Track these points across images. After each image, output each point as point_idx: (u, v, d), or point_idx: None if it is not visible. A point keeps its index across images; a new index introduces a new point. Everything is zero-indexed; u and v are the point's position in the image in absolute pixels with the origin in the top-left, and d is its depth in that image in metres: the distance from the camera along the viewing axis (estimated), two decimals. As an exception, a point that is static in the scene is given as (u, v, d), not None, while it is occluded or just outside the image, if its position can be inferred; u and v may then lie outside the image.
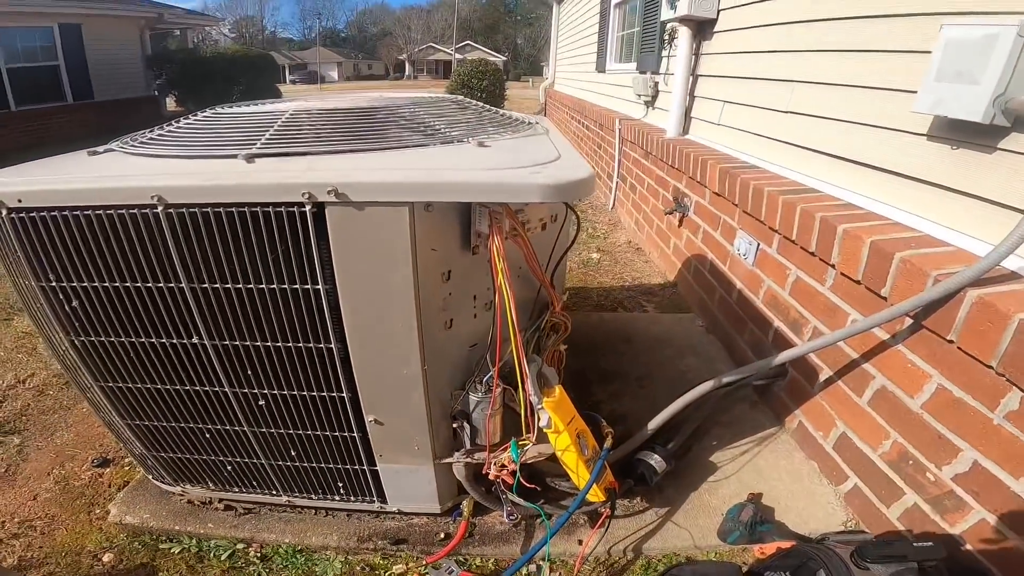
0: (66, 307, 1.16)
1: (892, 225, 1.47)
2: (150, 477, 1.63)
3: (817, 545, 1.19)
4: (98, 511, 1.69)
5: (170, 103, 11.93)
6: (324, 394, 1.17)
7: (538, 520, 1.54)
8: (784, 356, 1.54)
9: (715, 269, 2.39)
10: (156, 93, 11.43)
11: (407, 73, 58.17)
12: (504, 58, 46.20)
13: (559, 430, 1.20)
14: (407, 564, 1.42)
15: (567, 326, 1.38)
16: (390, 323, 1.06)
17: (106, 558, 1.51)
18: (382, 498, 1.45)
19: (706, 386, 1.54)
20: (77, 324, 1.17)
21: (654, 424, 1.50)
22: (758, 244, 1.97)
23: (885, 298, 1.33)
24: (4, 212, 1.07)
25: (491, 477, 1.24)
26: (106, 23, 9.97)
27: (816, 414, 1.64)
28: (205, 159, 1.17)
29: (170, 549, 1.53)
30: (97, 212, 1.04)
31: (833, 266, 1.53)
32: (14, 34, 8.55)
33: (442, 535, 1.52)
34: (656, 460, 1.46)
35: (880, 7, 1.60)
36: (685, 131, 3.01)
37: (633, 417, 1.77)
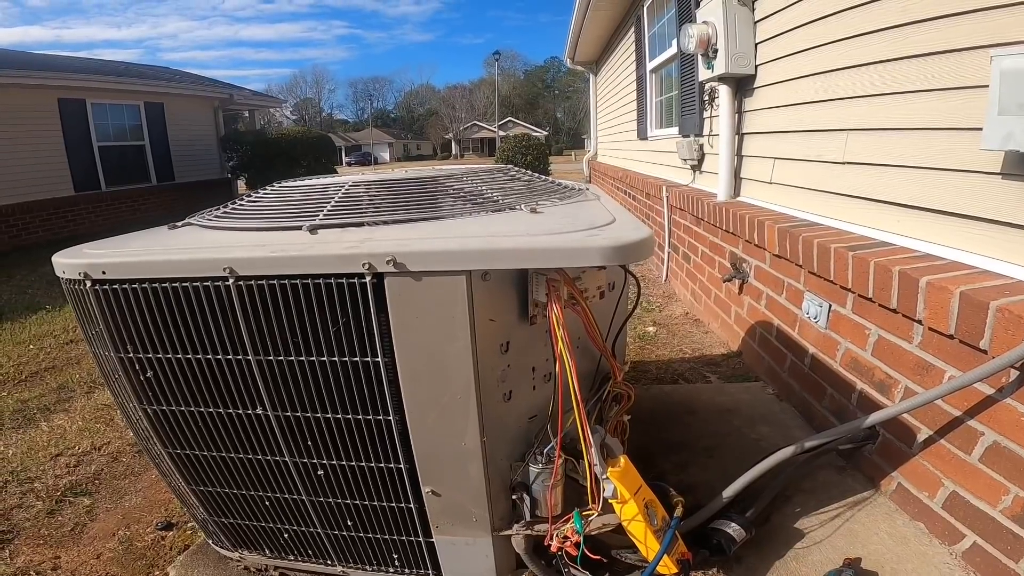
0: (141, 377, 1.21)
1: (980, 273, 1.37)
2: (210, 542, 1.63)
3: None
4: (157, 573, 1.70)
5: (241, 185, 12.85)
6: (382, 465, 1.15)
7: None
8: (876, 417, 1.42)
9: (783, 335, 2.27)
10: (229, 175, 12.29)
11: (453, 152, 61.32)
12: (545, 132, 48.09)
13: (625, 499, 1.12)
14: None
15: (630, 396, 1.32)
16: (448, 395, 1.05)
17: None
18: (437, 571, 1.37)
19: (788, 451, 1.42)
20: (151, 393, 1.22)
21: (730, 492, 1.38)
22: (830, 305, 1.87)
23: (984, 351, 1.21)
24: (89, 284, 1.15)
25: (553, 549, 1.16)
26: (185, 103, 10.90)
27: (918, 475, 1.48)
28: (272, 231, 1.24)
29: None
30: (174, 285, 1.10)
31: (919, 322, 1.42)
32: (105, 111, 9.38)
33: (499, 612, 1.42)
34: (734, 528, 1.33)
35: (929, 46, 1.56)
36: (736, 193, 2.96)
37: (702, 488, 1.64)
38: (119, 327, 1.17)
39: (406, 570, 1.40)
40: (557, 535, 1.16)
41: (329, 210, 1.25)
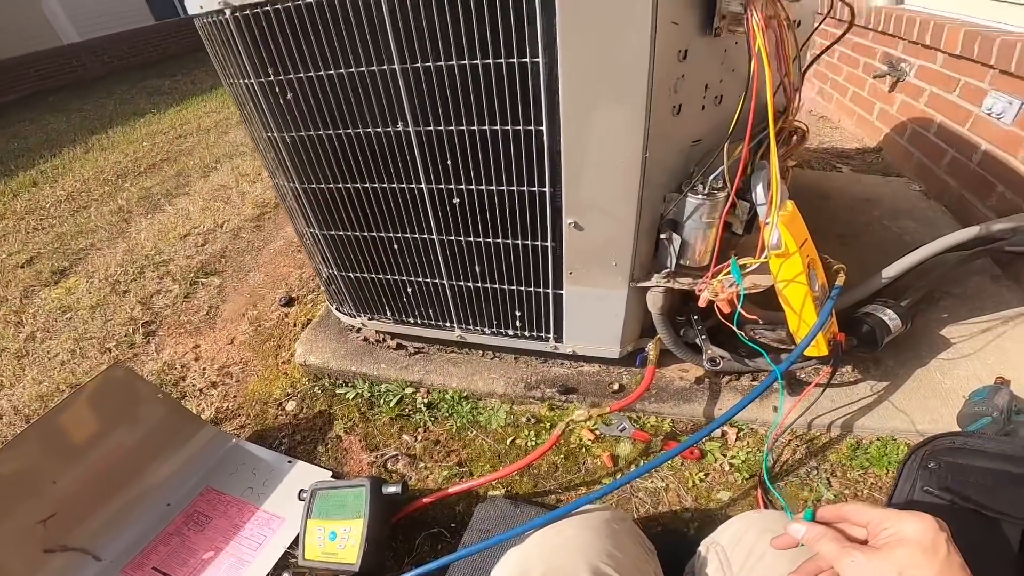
0: (280, 101, 1.17)
1: None
2: (334, 309, 1.69)
3: None
4: (284, 354, 1.81)
5: None
6: (523, 189, 1.09)
7: (724, 380, 1.40)
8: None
9: (946, 131, 2.06)
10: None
11: None
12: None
13: (789, 253, 1.02)
14: (588, 411, 1.30)
15: (804, 134, 1.16)
16: (615, 99, 0.93)
17: (289, 407, 1.61)
18: (559, 335, 1.36)
19: (968, 232, 1.26)
20: (289, 118, 1.19)
21: (891, 272, 1.25)
22: (1022, 103, 1.61)
23: None
24: (228, 12, 1.09)
25: (701, 303, 1.09)
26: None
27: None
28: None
29: (345, 395, 1.60)
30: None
31: None
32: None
33: (616, 386, 1.43)
34: (889, 316, 1.21)
35: None
36: (900, 1, 2.56)
37: None
38: (260, 51, 1.11)
39: (526, 332, 1.40)
40: (708, 289, 1.08)
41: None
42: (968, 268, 1.50)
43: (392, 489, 1.19)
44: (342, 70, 1.08)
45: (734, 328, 1.05)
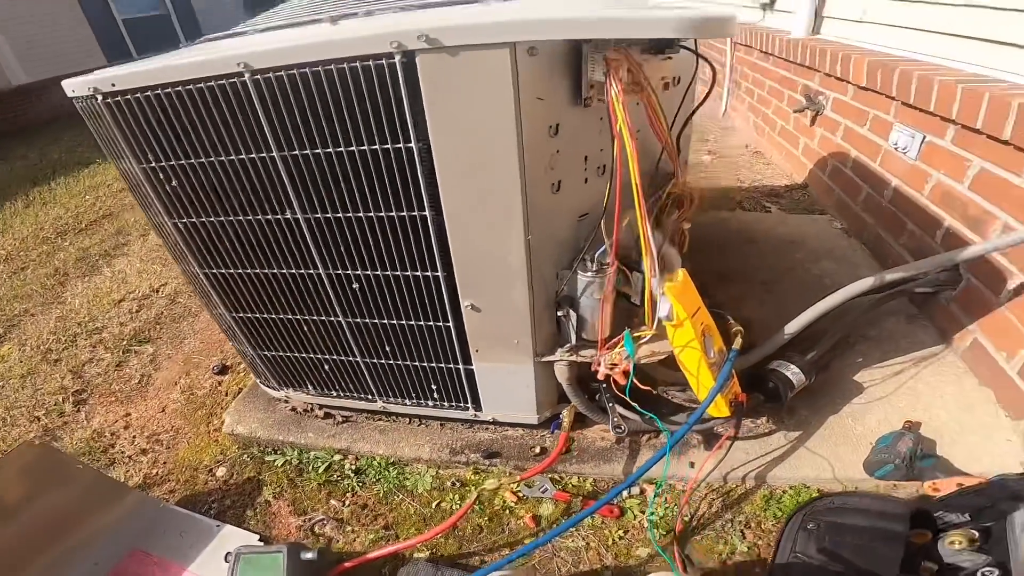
0: (167, 187, 1.15)
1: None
2: (259, 382, 1.67)
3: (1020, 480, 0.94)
4: (215, 422, 1.78)
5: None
6: (417, 274, 1.08)
7: (644, 438, 1.39)
8: (971, 252, 1.24)
9: (860, 166, 2.09)
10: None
11: None
12: None
13: (680, 321, 1.02)
14: (500, 480, 1.33)
15: (693, 199, 1.17)
16: (490, 182, 0.92)
17: (219, 472, 1.60)
18: (477, 405, 1.36)
19: (863, 284, 1.28)
20: (178, 205, 1.16)
21: (793, 328, 1.27)
22: (923, 136, 1.65)
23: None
24: (100, 98, 1.07)
25: (600, 376, 1.09)
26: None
27: (999, 331, 1.33)
28: (290, 28, 1.10)
29: (274, 462, 1.58)
30: (187, 87, 1.00)
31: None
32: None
33: (537, 449, 1.42)
34: (793, 372, 1.23)
35: None
36: (815, 31, 2.64)
37: (759, 324, 1.53)
38: (137, 138, 1.09)
39: (445, 403, 1.40)
40: (605, 362, 1.09)
41: (353, 2, 1.09)
42: (883, 310, 1.52)
43: (309, 555, 1.22)
44: (222, 157, 1.06)
45: (625, 398, 1.04)
